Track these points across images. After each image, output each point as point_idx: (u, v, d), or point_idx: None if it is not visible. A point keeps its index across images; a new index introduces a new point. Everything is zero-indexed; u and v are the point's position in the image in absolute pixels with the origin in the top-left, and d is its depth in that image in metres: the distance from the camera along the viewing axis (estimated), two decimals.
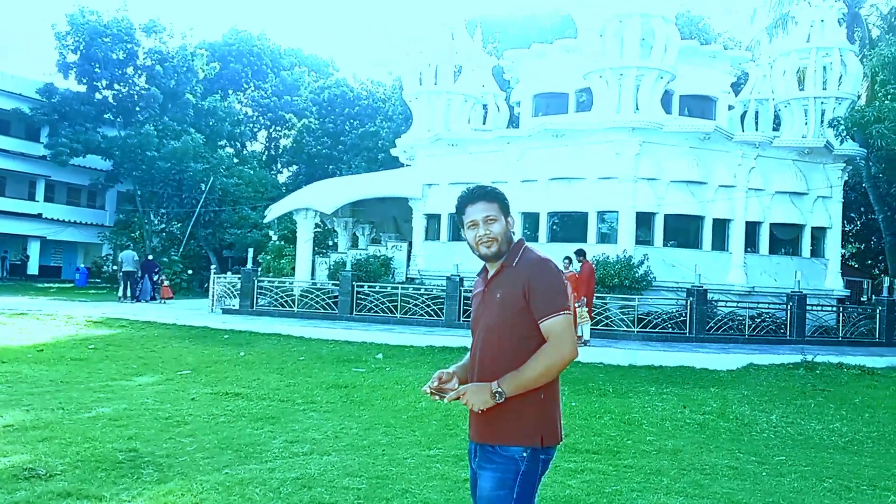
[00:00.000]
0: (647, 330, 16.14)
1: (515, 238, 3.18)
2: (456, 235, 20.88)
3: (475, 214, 3.08)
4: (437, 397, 3.05)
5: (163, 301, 25.16)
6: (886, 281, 18.71)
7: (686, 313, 16.37)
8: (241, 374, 10.84)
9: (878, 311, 17.63)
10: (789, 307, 17.00)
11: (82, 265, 40.13)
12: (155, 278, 26.48)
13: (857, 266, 30.72)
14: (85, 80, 35.33)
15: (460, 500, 5.38)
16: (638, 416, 8.97)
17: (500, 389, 2.89)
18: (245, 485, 5.57)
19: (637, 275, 16.82)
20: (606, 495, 5.71)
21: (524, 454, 2.94)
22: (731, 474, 6.53)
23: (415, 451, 6.82)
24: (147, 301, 24.77)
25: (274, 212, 22.77)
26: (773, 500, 5.77)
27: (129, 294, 24.75)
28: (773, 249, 19.65)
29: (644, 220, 18.29)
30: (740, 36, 37.90)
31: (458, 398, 2.97)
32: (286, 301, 19.10)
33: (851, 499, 5.91)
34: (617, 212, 18.18)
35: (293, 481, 5.70)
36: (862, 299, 22.19)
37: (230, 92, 43.80)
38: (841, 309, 18.10)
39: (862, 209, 28.95)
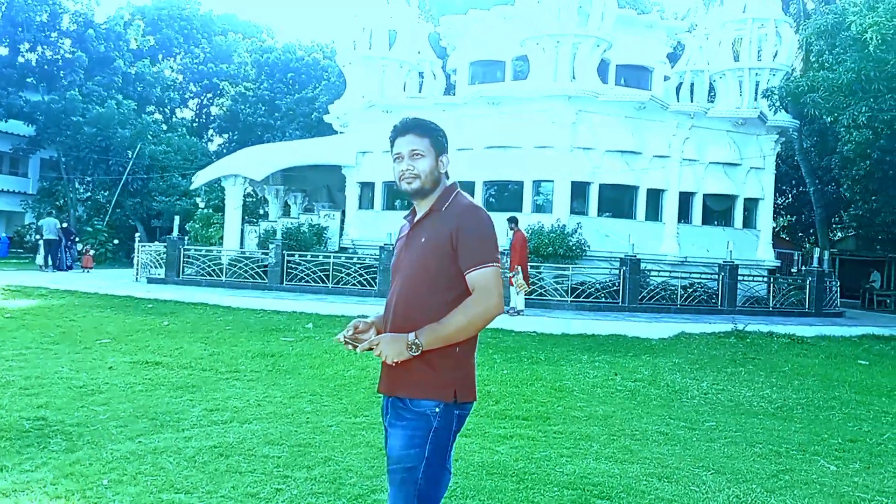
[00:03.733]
0: (580, 299, 16.17)
1: (450, 181, 2.96)
2: (390, 204, 20.54)
3: (401, 147, 2.89)
4: (349, 346, 2.82)
5: (85, 270, 24.14)
6: (816, 252, 19.16)
7: (619, 283, 16.45)
8: (164, 344, 10.37)
9: (808, 281, 18.03)
10: (721, 277, 17.25)
11: (3, 234, 38.20)
12: (79, 247, 25.35)
13: (788, 238, 31.63)
14: (6, 43, 33.55)
15: (385, 467, 5.14)
16: (569, 383, 8.90)
17: (417, 341, 2.68)
18: (158, 454, 5.28)
19: (571, 243, 16.80)
20: (535, 461, 5.57)
21: (436, 409, 2.74)
22: (662, 440, 6.48)
23: (340, 419, 6.57)
24: (65, 270, 23.73)
25: (201, 178, 21.94)
26: (704, 465, 5.72)
27: (50, 263, 23.67)
28: (706, 220, 19.91)
29: (579, 190, 18.27)
30: (677, 7, 38.20)
31: (370, 349, 2.75)
32: (214, 270, 18.48)
33: (781, 463, 5.91)
34: (553, 181, 18.10)
35: (210, 450, 5.42)
36: (793, 270, 22.76)
37: (160, 57, 42.12)
38: (772, 279, 18.48)
39: (793, 182, 29.68)
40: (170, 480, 4.74)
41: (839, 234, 31.34)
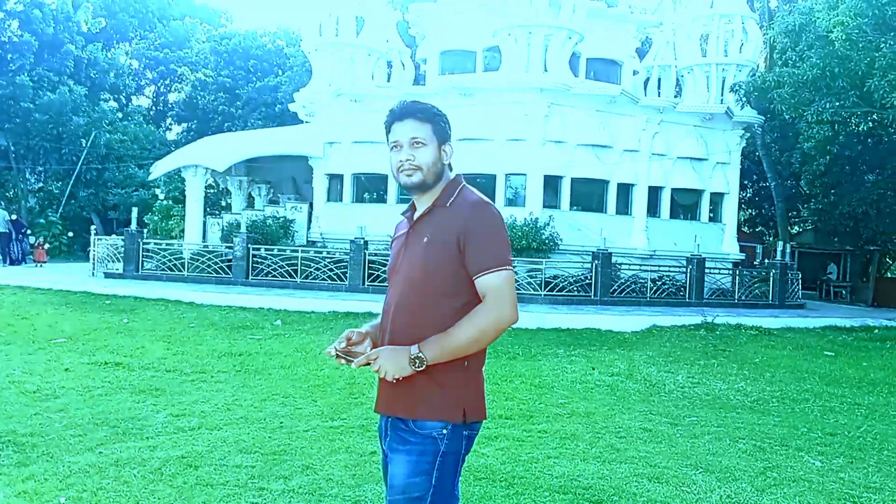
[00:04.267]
0: (553, 293, 16.07)
1: (454, 173, 2.66)
2: (360, 197, 20.15)
3: (400, 134, 2.56)
4: (342, 361, 2.49)
5: (38, 264, 23.30)
6: (780, 245, 19.38)
7: (591, 276, 16.41)
8: (123, 343, 9.93)
9: (772, 274, 18.24)
10: (689, 270, 17.33)
11: None
12: (31, 240, 24.53)
13: (749, 231, 32.04)
14: None
15: (367, 474, 4.91)
16: (549, 378, 8.75)
17: (420, 355, 2.38)
18: (121, 466, 4.92)
19: (543, 237, 16.71)
20: (523, 462, 5.37)
21: (444, 431, 2.44)
22: (646, 437, 6.34)
23: (316, 422, 6.27)
24: (17, 264, 22.89)
25: (160, 168, 21.25)
26: (692, 463, 5.59)
27: (0, 257, 22.82)
28: (673, 214, 19.99)
29: (551, 184, 18.14)
30: (644, 3, 38.31)
31: (367, 364, 2.43)
32: (175, 265, 17.93)
33: (767, 460, 5.81)
34: (525, 174, 17.94)
35: (177, 460, 5.08)
36: (755, 263, 23.06)
37: (115, 42, 40.90)
38: (737, 272, 18.64)
39: (754, 176, 30.05)
40: (134, 496, 4.40)
41: (797, 227, 31.88)
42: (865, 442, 6.57)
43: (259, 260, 17.28)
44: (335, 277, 16.75)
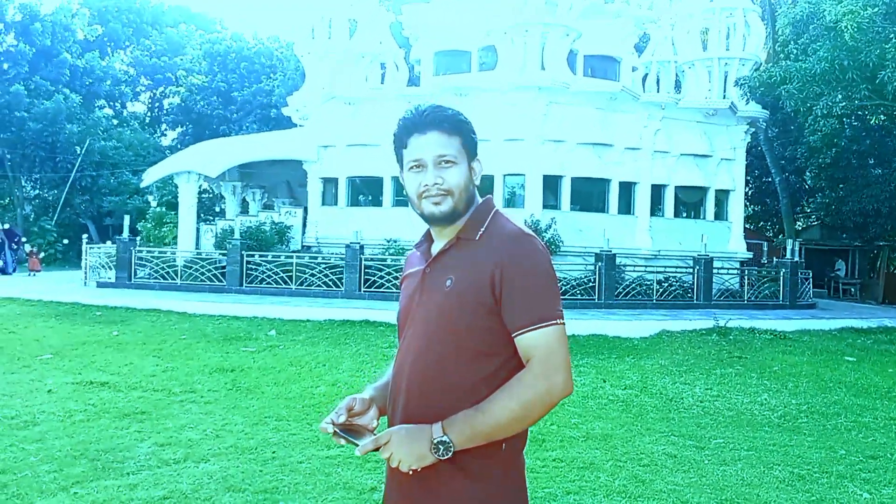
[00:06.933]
0: None
1: (479, 195, 2.05)
2: (355, 200, 19.68)
3: (423, 151, 1.94)
4: (342, 441, 1.87)
5: (31, 273, 22.83)
6: (789, 243, 18.91)
7: (595, 279, 15.93)
8: (112, 358, 9.47)
9: (782, 273, 17.77)
10: (696, 271, 16.85)
11: None
12: (27, 249, 24.14)
13: (752, 228, 31.57)
14: None
15: None
16: None
17: (444, 438, 1.79)
18: None
19: (546, 239, 16.22)
20: (539, 501, 4.86)
21: None
22: (672, 465, 5.83)
23: (312, 451, 5.77)
24: (10, 273, 22.40)
25: (152, 175, 20.82)
26: (727, 498, 5.07)
27: None
28: (678, 212, 19.53)
29: (551, 184, 17.69)
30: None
31: (375, 449, 1.82)
32: (168, 273, 17.46)
33: (809, 491, 5.28)
34: (524, 175, 17.48)
35: (159, 502, 4.59)
36: (762, 261, 22.58)
37: (109, 50, 40.58)
38: (745, 272, 18.16)
39: (756, 172, 29.55)
40: None
41: (800, 223, 31.39)
42: None
43: (253, 266, 16.81)
44: (331, 283, 16.28)
